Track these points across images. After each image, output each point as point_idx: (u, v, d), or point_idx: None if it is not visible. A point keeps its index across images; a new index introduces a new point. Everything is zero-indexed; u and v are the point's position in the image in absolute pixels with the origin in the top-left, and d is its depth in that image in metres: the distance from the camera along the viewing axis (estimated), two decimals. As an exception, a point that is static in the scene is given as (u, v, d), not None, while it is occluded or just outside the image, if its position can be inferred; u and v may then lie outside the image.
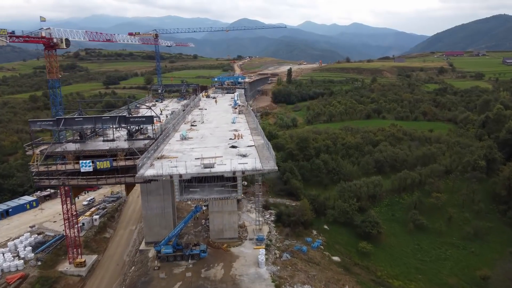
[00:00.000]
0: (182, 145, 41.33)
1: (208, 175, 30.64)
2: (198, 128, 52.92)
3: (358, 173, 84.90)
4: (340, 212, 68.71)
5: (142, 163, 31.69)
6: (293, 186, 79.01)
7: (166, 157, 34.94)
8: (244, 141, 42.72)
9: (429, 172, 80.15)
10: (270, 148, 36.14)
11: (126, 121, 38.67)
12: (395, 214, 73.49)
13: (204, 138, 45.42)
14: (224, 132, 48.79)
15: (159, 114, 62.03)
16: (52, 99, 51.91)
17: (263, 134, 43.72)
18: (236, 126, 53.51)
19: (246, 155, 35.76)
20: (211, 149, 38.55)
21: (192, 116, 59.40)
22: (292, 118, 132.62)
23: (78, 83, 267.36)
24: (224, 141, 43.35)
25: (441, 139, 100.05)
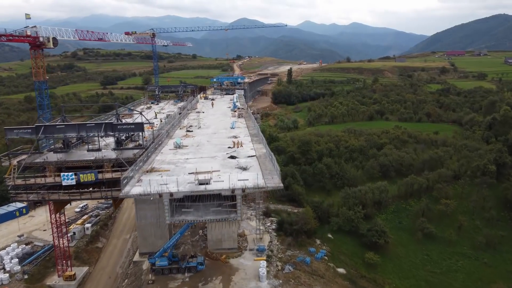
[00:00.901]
0: (176, 154, 37.71)
1: (204, 193, 26.72)
2: (195, 134, 49.22)
3: (363, 178, 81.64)
4: (345, 220, 65.41)
5: (128, 178, 28.07)
6: (295, 191, 75.63)
7: (157, 170, 31.28)
8: (244, 150, 39.12)
9: (437, 177, 76.86)
10: (274, 160, 32.29)
11: (113, 128, 34.85)
12: (402, 222, 70.19)
13: (201, 146, 41.77)
14: (222, 139, 45.23)
15: (153, 118, 58.60)
16: (38, 102, 48.46)
17: (265, 142, 39.88)
18: (236, 131, 49.95)
19: (246, 168, 32.03)
20: (207, 160, 35.00)
21: (188, 121, 55.51)
22: (293, 120, 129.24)
23: (76, 83, 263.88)
24: (222, 150, 39.67)
25: (447, 142, 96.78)
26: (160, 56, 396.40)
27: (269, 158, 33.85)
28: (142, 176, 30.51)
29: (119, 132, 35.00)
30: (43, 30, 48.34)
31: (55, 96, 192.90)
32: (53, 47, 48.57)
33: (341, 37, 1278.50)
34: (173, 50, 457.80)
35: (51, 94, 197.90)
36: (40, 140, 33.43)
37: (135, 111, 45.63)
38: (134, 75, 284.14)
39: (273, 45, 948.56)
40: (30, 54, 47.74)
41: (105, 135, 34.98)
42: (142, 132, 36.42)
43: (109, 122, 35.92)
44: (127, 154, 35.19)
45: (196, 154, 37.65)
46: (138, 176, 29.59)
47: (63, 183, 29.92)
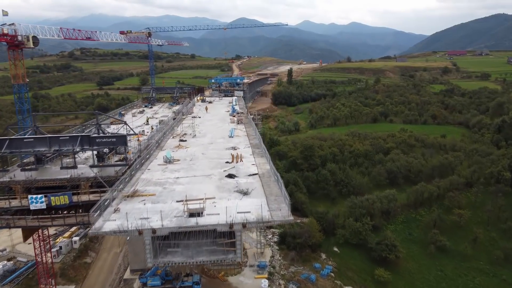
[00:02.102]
0: (165, 172, 32.65)
1: (195, 229, 21.49)
2: (189, 144, 43.96)
3: (369, 185, 77.28)
4: (352, 233, 61.06)
5: (102, 207, 23.05)
6: (298, 200, 71.12)
7: (140, 195, 26.01)
8: (244, 165, 33.99)
9: (448, 184, 72.51)
10: (280, 182, 26.85)
11: (90, 142, 29.82)
12: (413, 233, 65.82)
13: (194, 160, 36.62)
14: (219, 151, 40.28)
15: (144, 124, 53.84)
16: (18, 108, 43.85)
17: (269, 157, 34.65)
18: (235, 141, 44.90)
19: (248, 192, 26.70)
20: (201, 180, 30.19)
21: (182, 128, 50.63)
22: (294, 122, 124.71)
23: (72, 84, 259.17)
24: (219, 165, 34.67)
25: (457, 146, 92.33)
26: (158, 56, 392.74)
27: (274, 178, 28.84)
28: (121, 204, 25.12)
29: (98, 146, 30.07)
30: (22, 28, 43.75)
31: (50, 97, 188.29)
32: (33, 46, 44.02)
33: (341, 37, 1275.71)
34: (171, 50, 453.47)
35: (46, 95, 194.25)
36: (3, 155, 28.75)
37: (120, 120, 40.42)
38: (132, 75, 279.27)
39: (272, 45, 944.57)
40: (8, 54, 43.17)
41: (81, 149, 30.25)
42: (125, 146, 31.64)
43: (86, 134, 30.86)
44: (109, 172, 30.49)
45: (189, 172, 32.59)
46: (116, 203, 24.54)
47: (31, 207, 25.43)
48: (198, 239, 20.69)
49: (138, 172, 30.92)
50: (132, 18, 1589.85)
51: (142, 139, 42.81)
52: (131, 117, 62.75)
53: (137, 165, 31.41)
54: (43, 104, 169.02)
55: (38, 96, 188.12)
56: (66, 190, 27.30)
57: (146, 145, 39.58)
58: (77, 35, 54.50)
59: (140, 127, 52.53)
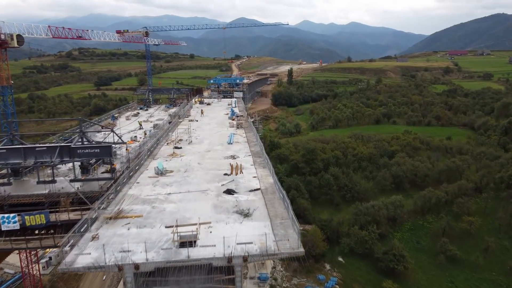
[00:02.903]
0: (156, 186, 29.04)
1: (186, 263, 17.74)
2: (184, 151, 40.42)
3: (374, 191, 74.32)
4: (357, 242, 58.06)
5: (76, 237, 19.40)
6: (300, 206, 68.10)
7: (124, 217, 22.41)
8: (245, 178, 30.80)
9: (457, 190, 69.50)
10: (286, 201, 23.25)
11: (71, 153, 26.39)
12: (421, 242, 62.83)
13: (189, 172, 32.94)
14: (217, 161, 36.64)
15: (137, 129, 50.66)
16: (1, 111, 40.81)
17: (272, 169, 31.48)
18: (234, 148, 41.42)
19: (249, 213, 23.17)
20: (195, 197, 26.56)
21: (177, 133, 47.07)
22: (295, 124, 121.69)
23: (69, 84, 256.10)
24: (217, 178, 31.06)
25: (463, 149, 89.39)
26: (157, 56, 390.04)
27: (279, 195, 25.73)
28: (101, 228, 21.38)
29: (80, 158, 27.01)
30: (6, 27, 40.72)
31: (46, 98, 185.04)
32: (18, 46, 41.00)
33: (340, 36, 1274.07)
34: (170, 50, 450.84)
35: (42, 96, 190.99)
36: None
37: (106, 128, 36.95)
38: (130, 76, 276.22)
39: (272, 45, 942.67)
40: (-10, 54, 40.17)
41: (60, 162, 27.04)
42: (110, 157, 28.42)
43: (66, 144, 27.62)
44: (93, 186, 27.44)
45: (182, 186, 29.07)
46: (96, 228, 21.30)
47: (2, 227, 22.37)
48: (190, 275, 17.45)
49: (125, 186, 27.43)
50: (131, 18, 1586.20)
51: (133, 146, 39.46)
52: (125, 120, 59.80)
53: (125, 178, 28.14)
54: (39, 105, 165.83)
55: (34, 96, 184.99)
56: (44, 207, 24.27)
57: (137, 154, 36.34)
58: (67, 34, 51.51)
59: (133, 132, 49.45)
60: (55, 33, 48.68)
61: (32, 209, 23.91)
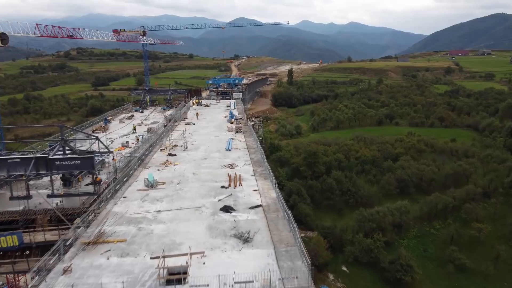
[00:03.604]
0: (144, 202, 25.94)
1: None
2: (178, 159, 37.32)
3: (378, 195, 71.71)
4: (362, 250, 55.33)
5: (43, 272, 16.42)
6: (302, 212, 65.59)
7: (105, 241, 19.61)
8: (244, 192, 27.70)
9: (464, 195, 66.90)
10: (293, 225, 20.13)
11: (48, 164, 23.31)
12: (428, 249, 60.15)
13: (183, 183, 30.01)
14: (214, 170, 33.55)
15: (131, 133, 47.89)
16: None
17: (275, 182, 28.55)
18: (232, 156, 38.31)
19: (249, 237, 19.92)
20: (188, 215, 23.49)
21: (172, 139, 43.76)
22: (295, 125, 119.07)
23: (66, 84, 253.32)
24: (213, 191, 28.02)
25: (469, 151, 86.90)
26: (155, 56, 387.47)
27: (283, 213, 22.74)
28: (76, 258, 18.31)
29: (58, 170, 24.36)
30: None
31: (42, 99, 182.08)
32: (3, 45, 38.38)
33: (339, 36, 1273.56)
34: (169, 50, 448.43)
35: (38, 96, 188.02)
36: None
37: (91, 135, 33.84)
38: (128, 76, 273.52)
39: (271, 45, 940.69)
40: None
41: (36, 175, 24.26)
42: (92, 170, 25.71)
43: (43, 156, 24.91)
44: (73, 202, 24.69)
45: (174, 202, 25.97)
46: (70, 257, 18.04)
47: (-32, 249, 19.83)
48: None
49: (110, 202, 24.80)
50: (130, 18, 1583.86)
51: (125, 152, 36.54)
52: (118, 123, 57.04)
53: (110, 193, 25.38)
54: (35, 106, 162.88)
55: (30, 97, 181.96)
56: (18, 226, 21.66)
57: (127, 162, 33.59)
58: (56, 32, 48.88)
59: (125, 136, 46.75)
60: (44, 32, 46.09)
61: (5, 228, 21.31)
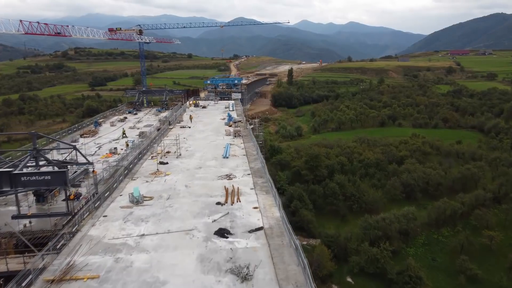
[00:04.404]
0: (127, 222, 22.22)
1: None
2: (170, 168, 33.51)
3: (383, 200, 68.74)
4: (368, 260, 52.30)
5: None
6: (304, 219, 62.69)
7: (73, 278, 16.11)
8: (243, 209, 24.10)
9: (474, 200, 63.98)
10: (301, 254, 16.73)
11: (12, 181, 19.39)
12: (437, 258, 57.14)
13: (173, 199, 26.20)
14: (209, 182, 29.88)
15: (121, 137, 44.62)
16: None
17: (278, 197, 24.74)
18: (230, 164, 34.53)
19: (248, 274, 16.31)
20: (177, 242, 19.89)
21: (164, 145, 39.59)
22: (296, 127, 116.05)
23: (63, 84, 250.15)
24: (207, 209, 24.41)
25: (476, 154, 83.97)
26: (154, 56, 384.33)
27: (289, 240, 19.18)
28: None
29: (25, 187, 20.80)
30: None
31: (37, 99, 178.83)
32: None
33: (339, 36, 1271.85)
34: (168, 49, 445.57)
35: (33, 97, 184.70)
36: None
37: (68, 145, 30.14)
38: (126, 76, 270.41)
39: (270, 45, 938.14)
40: None
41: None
42: (65, 186, 22.48)
43: (6, 170, 21.48)
44: (44, 223, 21.46)
45: (161, 223, 22.26)
46: None
47: None
48: None
49: (87, 223, 21.27)
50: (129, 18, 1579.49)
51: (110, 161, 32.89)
52: (109, 126, 53.75)
53: (87, 212, 22.02)
54: (30, 107, 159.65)
55: (25, 97, 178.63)
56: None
57: (113, 172, 30.28)
58: (43, 30, 45.82)
59: (115, 141, 43.50)
60: (29, 29, 43.03)
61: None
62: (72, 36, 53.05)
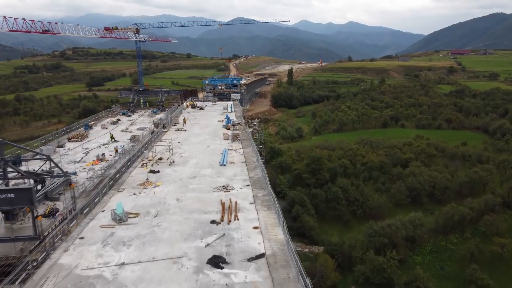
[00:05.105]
0: (106, 246, 19.02)
1: None
2: (161, 178, 30.34)
3: (388, 205, 66.07)
4: (374, 270, 49.64)
5: None
6: (306, 225, 60.09)
7: None
8: (241, 230, 20.94)
9: (483, 205, 61.36)
10: None
11: None
12: (445, 267, 54.50)
13: (162, 216, 22.96)
14: (203, 194, 26.58)
15: (110, 142, 41.57)
16: None
17: (280, 213, 21.40)
18: (227, 173, 31.25)
19: None
20: (162, 274, 16.73)
21: (156, 151, 35.83)
22: (297, 128, 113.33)
23: (61, 85, 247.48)
24: (200, 229, 21.10)
25: (483, 156, 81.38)
26: (153, 56, 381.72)
27: (296, 272, 16.06)
28: None
29: None
30: None
31: (33, 100, 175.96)
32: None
33: (338, 36, 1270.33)
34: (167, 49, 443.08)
35: (29, 97, 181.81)
36: None
37: (40, 155, 26.58)
38: (124, 76, 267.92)
39: (270, 44, 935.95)
40: None
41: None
42: (31, 206, 19.45)
43: None
44: (9, 249, 18.43)
45: (146, 247, 19.03)
46: None
47: None
48: None
49: (59, 247, 18.10)
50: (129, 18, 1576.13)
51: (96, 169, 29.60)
52: (100, 129, 50.74)
53: (59, 235, 18.88)
54: (25, 107, 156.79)
55: (20, 98, 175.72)
56: None
57: (98, 182, 27.25)
58: (29, 27, 43.05)
59: (105, 146, 40.56)
60: (13, 26, 40.31)
61: None
62: (62, 33, 50.24)
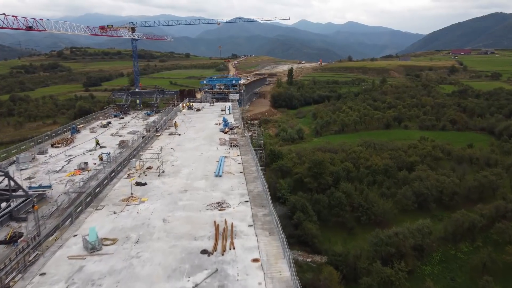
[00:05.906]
0: (71, 286, 15.20)
1: None
2: (148, 192, 26.83)
3: (394, 211, 63.04)
4: (381, 282, 46.62)
5: None
6: (308, 232, 57.08)
7: None
8: (238, 263, 17.42)
9: (494, 212, 58.37)
10: None
11: None
12: (456, 278, 51.48)
13: (143, 242, 19.48)
14: (195, 214, 23.09)
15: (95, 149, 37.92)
16: None
17: (285, 243, 17.72)
18: (223, 186, 27.95)
19: None
20: None
21: (145, 159, 32.58)
22: (297, 129, 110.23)
23: (57, 85, 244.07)
24: (188, 261, 17.46)
25: (491, 159, 78.40)
26: (151, 55, 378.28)
27: None
28: None
29: None
30: None
31: (29, 100, 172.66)
32: None
33: (338, 36, 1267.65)
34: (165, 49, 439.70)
35: (25, 98, 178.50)
36: None
37: None
38: (122, 75, 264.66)
39: (269, 44, 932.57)
40: None
41: None
42: None
43: None
44: None
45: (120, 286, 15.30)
46: None
47: None
48: None
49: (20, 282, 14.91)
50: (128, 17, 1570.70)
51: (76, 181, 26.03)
52: (88, 133, 47.33)
53: (13, 271, 15.59)
54: (20, 108, 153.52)
55: (15, 98, 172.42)
56: None
57: (74, 198, 23.79)
58: (11, 23, 39.90)
59: (90, 153, 37.16)
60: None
61: None
62: (47, 31, 47.04)
